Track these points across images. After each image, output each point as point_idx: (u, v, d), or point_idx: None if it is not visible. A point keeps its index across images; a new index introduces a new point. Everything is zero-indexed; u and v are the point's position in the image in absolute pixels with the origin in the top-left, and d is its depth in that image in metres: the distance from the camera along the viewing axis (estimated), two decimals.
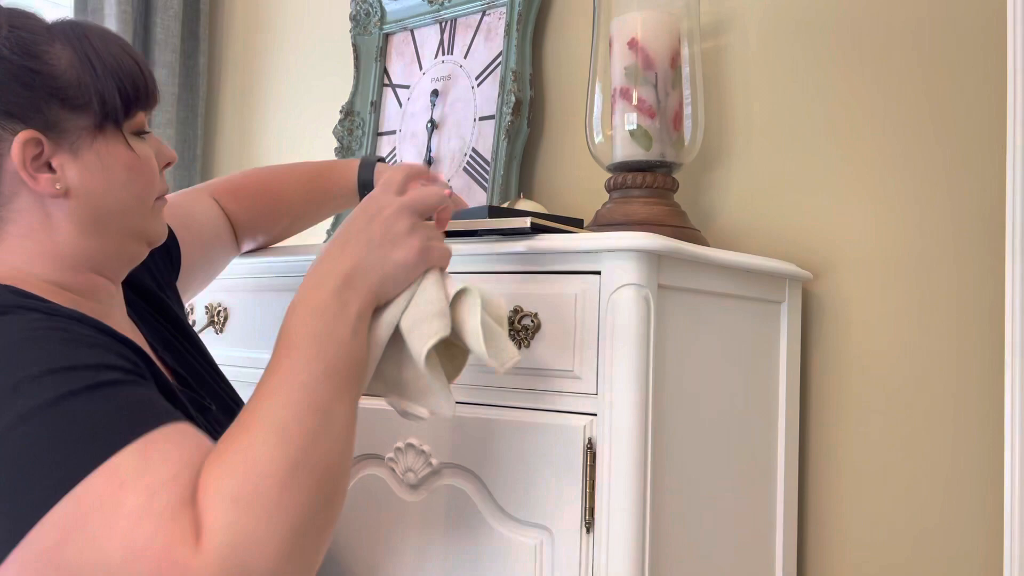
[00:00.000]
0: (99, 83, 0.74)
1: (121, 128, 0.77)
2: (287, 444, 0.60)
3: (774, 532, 1.11)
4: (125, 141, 0.77)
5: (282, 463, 0.59)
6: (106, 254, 0.77)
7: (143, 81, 0.77)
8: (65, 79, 0.73)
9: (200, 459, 0.60)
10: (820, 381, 1.18)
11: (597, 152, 1.19)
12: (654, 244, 0.84)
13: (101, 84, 0.74)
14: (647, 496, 0.85)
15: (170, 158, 0.82)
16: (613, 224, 1.10)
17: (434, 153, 1.49)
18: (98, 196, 0.75)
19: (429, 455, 0.95)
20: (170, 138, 1.90)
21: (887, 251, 1.14)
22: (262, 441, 0.60)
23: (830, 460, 1.17)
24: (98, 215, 0.75)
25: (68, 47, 0.74)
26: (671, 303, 0.90)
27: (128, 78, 0.76)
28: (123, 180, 0.76)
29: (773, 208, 1.23)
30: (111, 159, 0.76)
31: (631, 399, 0.84)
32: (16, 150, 0.71)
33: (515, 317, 0.91)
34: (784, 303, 1.12)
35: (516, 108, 1.37)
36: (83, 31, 0.75)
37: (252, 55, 1.98)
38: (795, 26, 1.23)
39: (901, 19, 1.15)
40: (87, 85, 0.74)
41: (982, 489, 1.06)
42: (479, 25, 1.47)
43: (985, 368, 1.06)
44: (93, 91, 0.74)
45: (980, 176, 1.08)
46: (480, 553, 0.91)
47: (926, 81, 1.12)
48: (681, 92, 1.15)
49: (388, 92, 1.60)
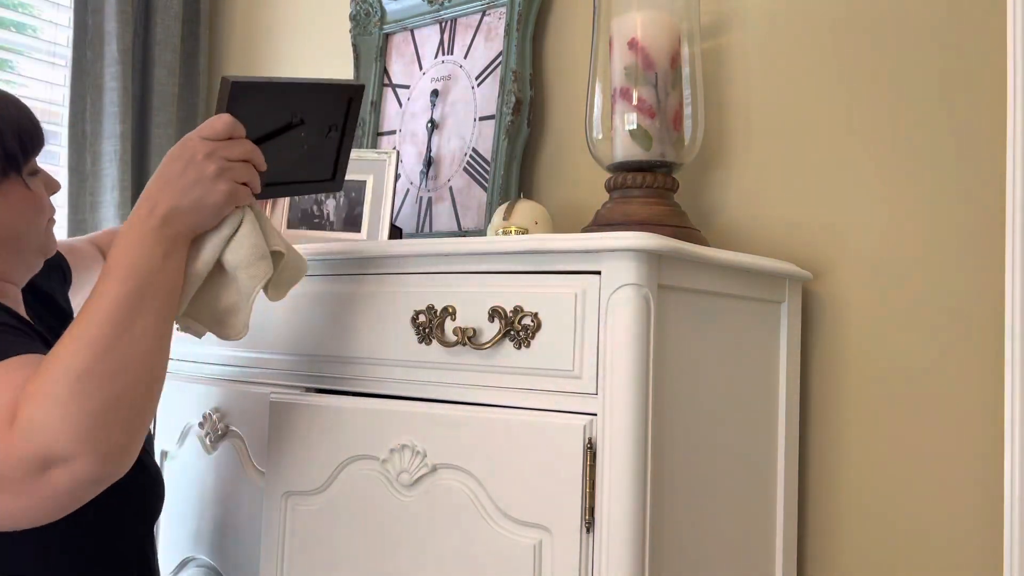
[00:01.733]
0: (3, 140, 0.89)
1: (21, 173, 0.91)
2: (85, 350, 0.75)
3: (774, 532, 1.11)
4: (24, 183, 0.91)
5: (78, 365, 0.74)
6: (11, 265, 0.92)
7: (37, 133, 0.93)
8: None
9: (21, 375, 0.76)
10: (820, 381, 1.18)
11: (597, 152, 1.19)
12: (654, 244, 0.84)
13: (4, 140, 0.89)
14: (647, 496, 0.85)
15: (54, 187, 0.97)
16: (613, 224, 1.10)
17: (434, 153, 1.49)
18: (4, 227, 0.90)
19: (425, 455, 0.95)
20: (170, 138, 1.90)
21: (887, 251, 1.14)
22: (66, 348, 0.75)
23: (830, 460, 1.17)
24: (5, 238, 0.91)
25: None
26: (671, 303, 0.90)
27: (25, 133, 0.91)
28: (22, 211, 0.91)
29: (773, 208, 1.23)
30: (13, 197, 0.90)
31: (631, 399, 0.84)
32: None
33: (515, 317, 0.91)
34: (784, 303, 1.12)
35: (516, 108, 1.37)
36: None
37: (252, 55, 1.98)
38: (795, 26, 1.23)
39: (901, 19, 1.14)
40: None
41: (982, 489, 1.06)
42: (479, 25, 1.47)
43: (985, 368, 1.06)
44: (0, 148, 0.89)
45: (980, 176, 1.08)
46: (479, 553, 0.91)
47: (926, 81, 1.12)
48: (681, 92, 1.15)
49: (388, 92, 1.59)
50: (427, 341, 0.97)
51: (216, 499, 1.22)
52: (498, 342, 0.91)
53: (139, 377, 0.78)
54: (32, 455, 0.72)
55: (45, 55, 1.85)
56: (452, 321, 0.95)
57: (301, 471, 1.05)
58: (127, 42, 1.81)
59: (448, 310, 0.95)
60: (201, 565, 1.25)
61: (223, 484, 1.21)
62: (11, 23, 1.80)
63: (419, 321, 0.98)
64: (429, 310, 0.97)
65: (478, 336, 0.93)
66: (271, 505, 1.08)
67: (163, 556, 1.34)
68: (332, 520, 1.02)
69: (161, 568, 1.34)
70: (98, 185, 1.80)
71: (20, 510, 0.74)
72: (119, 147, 1.79)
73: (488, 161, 1.41)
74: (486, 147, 1.42)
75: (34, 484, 0.73)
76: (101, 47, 1.81)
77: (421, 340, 0.98)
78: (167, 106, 1.90)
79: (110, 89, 1.80)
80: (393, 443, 0.98)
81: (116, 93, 1.79)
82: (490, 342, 0.92)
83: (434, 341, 0.96)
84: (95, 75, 1.80)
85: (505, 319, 0.91)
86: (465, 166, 1.44)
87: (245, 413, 1.16)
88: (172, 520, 1.28)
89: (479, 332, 0.93)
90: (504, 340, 0.91)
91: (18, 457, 0.72)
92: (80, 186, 1.79)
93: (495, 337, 0.92)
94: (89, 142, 1.80)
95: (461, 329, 0.93)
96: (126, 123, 1.80)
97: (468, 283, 0.95)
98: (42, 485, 0.73)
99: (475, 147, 1.43)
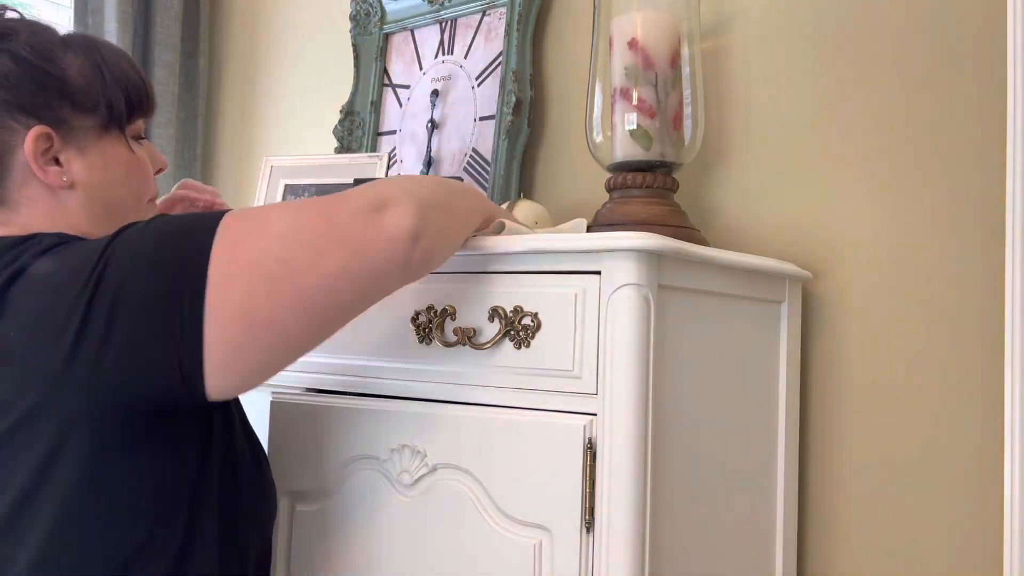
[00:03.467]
0: (107, 90, 0.85)
1: (124, 131, 0.87)
2: (432, 193, 0.85)
3: (774, 532, 1.11)
4: (126, 143, 0.88)
5: (427, 199, 0.84)
6: (101, 229, 0.83)
7: (145, 93, 0.90)
8: (76, 83, 0.84)
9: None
10: (820, 381, 1.18)
11: (597, 152, 1.19)
12: (654, 244, 0.84)
13: (109, 91, 0.85)
14: (647, 496, 0.85)
15: (162, 164, 0.94)
16: (613, 224, 1.10)
17: (434, 153, 1.49)
18: (100, 189, 0.86)
19: (425, 455, 0.95)
20: (170, 138, 1.90)
21: (887, 251, 1.14)
22: (417, 184, 0.86)
23: (830, 460, 1.17)
24: (102, 206, 0.86)
25: (80, 56, 0.84)
26: (671, 303, 0.90)
27: (133, 88, 0.87)
28: (122, 177, 0.88)
29: (773, 208, 1.23)
30: (113, 158, 0.87)
31: (631, 399, 0.84)
32: (29, 143, 0.81)
33: (515, 317, 0.91)
34: (784, 303, 1.12)
35: (516, 108, 1.37)
36: (95, 44, 0.87)
37: (252, 55, 1.98)
38: (795, 26, 1.23)
39: (901, 19, 1.14)
40: (96, 90, 0.85)
41: (982, 489, 1.06)
42: (479, 25, 1.47)
43: (985, 367, 1.06)
44: (101, 96, 0.85)
45: (980, 175, 1.08)
46: (479, 553, 0.91)
47: (927, 81, 1.12)
48: (681, 92, 1.15)
49: (388, 92, 1.60)
50: (427, 341, 0.97)
51: None
52: (498, 342, 0.91)
53: (449, 241, 0.88)
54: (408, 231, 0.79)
55: None
56: (452, 321, 0.95)
57: (301, 471, 1.05)
58: (127, 42, 1.81)
59: (448, 310, 0.95)
60: None
61: None
62: None
63: (419, 321, 0.98)
64: (429, 310, 0.97)
65: (478, 336, 0.93)
66: None
67: None
68: (332, 520, 1.02)
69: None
70: None
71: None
72: None
73: (488, 161, 1.41)
74: (486, 147, 1.42)
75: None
76: None
77: (421, 340, 0.98)
78: (167, 106, 1.90)
79: None
80: (393, 443, 0.98)
81: None
82: (490, 342, 0.92)
83: (434, 341, 0.96)
84: None
85: (505, 319, 0.91)
86: (465, 166, 1.44)
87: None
88: None
89: (479, 332, 0.93)
90: (504, 340, 0.91)
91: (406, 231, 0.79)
92: None
93: (495, 337, 0.92)
94: None
95: (461, 329, 0.94)
96: None
97: (468, 283, 0.95)
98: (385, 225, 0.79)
99: (475, 147, 1.43)
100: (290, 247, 0.74)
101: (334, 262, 0.75)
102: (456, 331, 0.94)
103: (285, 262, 0.74)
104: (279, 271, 0.73)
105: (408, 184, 0.84)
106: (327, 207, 0.78)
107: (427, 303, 0.98)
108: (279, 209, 0.78)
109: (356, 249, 0.76)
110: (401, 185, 0.83)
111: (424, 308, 0.98)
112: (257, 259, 0.73)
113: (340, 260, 0.76)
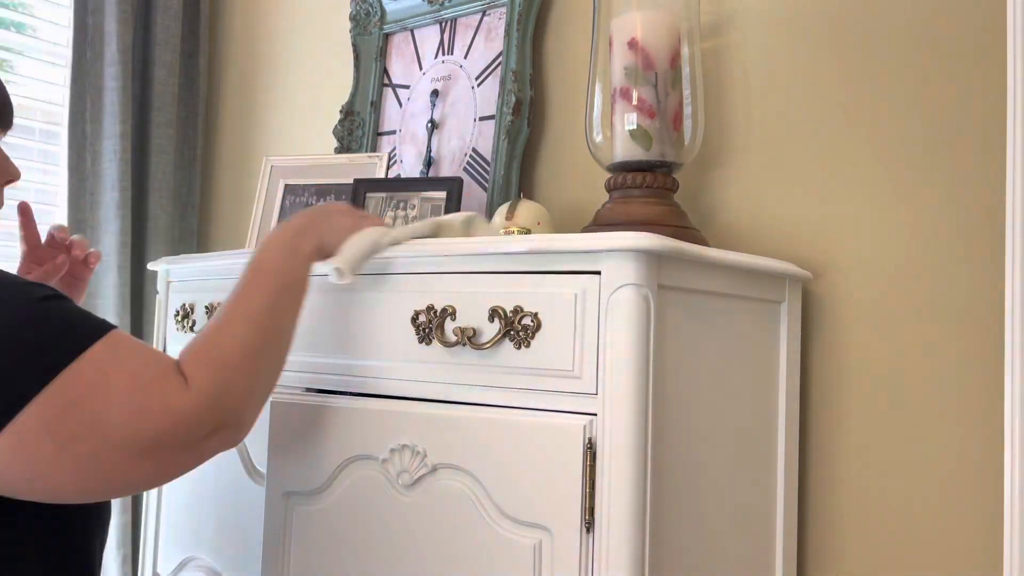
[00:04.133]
0: None
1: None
2: (256, 332, 0.84)
3: (774, 531, 1.11)
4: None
5: (251, 343, 0.83)
6: None
7: (7, 107, 0.93)
8: None
9: (155, 350, 0.82)
10: (820, 381, 1.18)
11: (597, 152, 1.19)
12: (654, 244, 0.84)
13: None
14: (647, 496, 0.85)
15: (12, 175, 0.95)
16: (613, 224, 1.10)
17: (434, 153, 1.49)
18: None
19: (425, 455, 0.95)
20: (170, 138, 1.90)
21: (887, 251, 1.14)
22: (236, 326, 0.84)
23: (830, 460, 1.17)
24: None
25: None
26: (671, 303, 0.90)
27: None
28: None
29: (773, 208, 1.23)
30: None
31: (631, 399, 0.84)
32: None
33: (515, 317, 0.91)
34: (784, 303, 1.12)
35: (516, 108, 1.37)
36: None
37: (252, 55, 1.98)
38: (795, 26, 1.23)
39: (902, 19, 1.14)
40: None
41: (982, 489, 1.06)
42: (479, 25, 1.47)
43: (985, 367, 1.06)
44: None
45: (980, 176, 1.08)
46: (479, 553, 0.91)
47: (927, 81, 1.12)
48: (681, 92, 1.15)
49: (388, 92, 1.60)
50: (427, 341, 0.97)
51: (216, 499, 1.22)
52: (498, 342, 0.92)
53: (282, 363, 0.89)
54: (212, 420, 0.78)
55: (45, 55, 1.85)
56: (452, 321, 0.95)
57: (301, 471, 1.05)
58: (127, 42, 1.81)
59: (448, 310, 0.95)
60: (201, 565, 1.25)
61: (223, 484, 1.21)
62: (11, 23, 1.80)
63: (419, 321, 0.98)
64: (429, 310, 0.97)
65: (478, 336, 0.93)
66: (271, 505, 1.08)
67: (163, 556, 1.34)
68: (332, 520, 1.02)
69: (161, 568, 1.35)
70: (98, 185, 1.80)
71: (174, 467, 0.79)
72: (119, 147, 1.79)
73: (488, 161, 1.41)
74: (486, 147, 1.42)
75: (200, 445, 0.79)
76: (101, 47, 1.81)
77: (421, 340, 0.98)
78: (167, 106, 1.90)
79: (110, 89, 1.80)
80: (393, 443, 0.98)
81: (116, 93, 1.79)
82: (490, 342, 0.92)
83: (434, 341, 0.96)
84: (95, 75, 1.80)
85: (505, 319, 0.91)
86: (465, 166, 1.44)
87: None
88: (172, 520, 1.28)
89: (479, 332, 0.93)
90: (504, 340, 0.91)
91: (200, 421, 0.77)
92: (80, 186, 1.79)
93: (495, 337, 0.92)
94: (89, 142, 1.80)
95: (461, 329, 0.94)
96: (126, 123, 1.80)
97: (468, 283, 0.95)
98: (204, 447, 0.79)
99: (475, 147, 1.43)
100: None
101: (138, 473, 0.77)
102: (456, 331, 0.94)
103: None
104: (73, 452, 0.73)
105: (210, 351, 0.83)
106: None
107: (427, 303, 0.98)
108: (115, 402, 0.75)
109: (182, 463, 0.80)
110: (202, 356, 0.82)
111: (424, 308, 0.98)
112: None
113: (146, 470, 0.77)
